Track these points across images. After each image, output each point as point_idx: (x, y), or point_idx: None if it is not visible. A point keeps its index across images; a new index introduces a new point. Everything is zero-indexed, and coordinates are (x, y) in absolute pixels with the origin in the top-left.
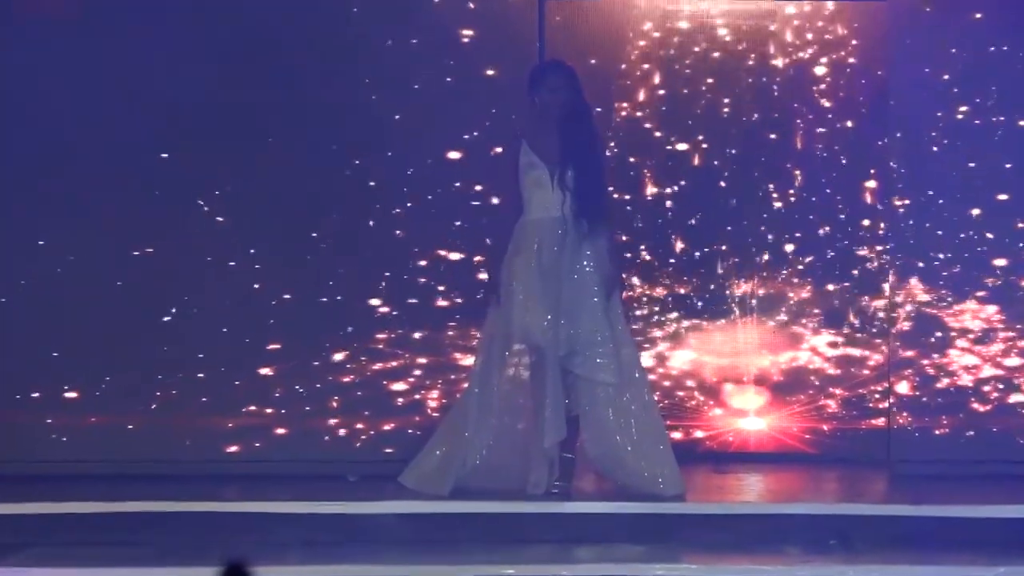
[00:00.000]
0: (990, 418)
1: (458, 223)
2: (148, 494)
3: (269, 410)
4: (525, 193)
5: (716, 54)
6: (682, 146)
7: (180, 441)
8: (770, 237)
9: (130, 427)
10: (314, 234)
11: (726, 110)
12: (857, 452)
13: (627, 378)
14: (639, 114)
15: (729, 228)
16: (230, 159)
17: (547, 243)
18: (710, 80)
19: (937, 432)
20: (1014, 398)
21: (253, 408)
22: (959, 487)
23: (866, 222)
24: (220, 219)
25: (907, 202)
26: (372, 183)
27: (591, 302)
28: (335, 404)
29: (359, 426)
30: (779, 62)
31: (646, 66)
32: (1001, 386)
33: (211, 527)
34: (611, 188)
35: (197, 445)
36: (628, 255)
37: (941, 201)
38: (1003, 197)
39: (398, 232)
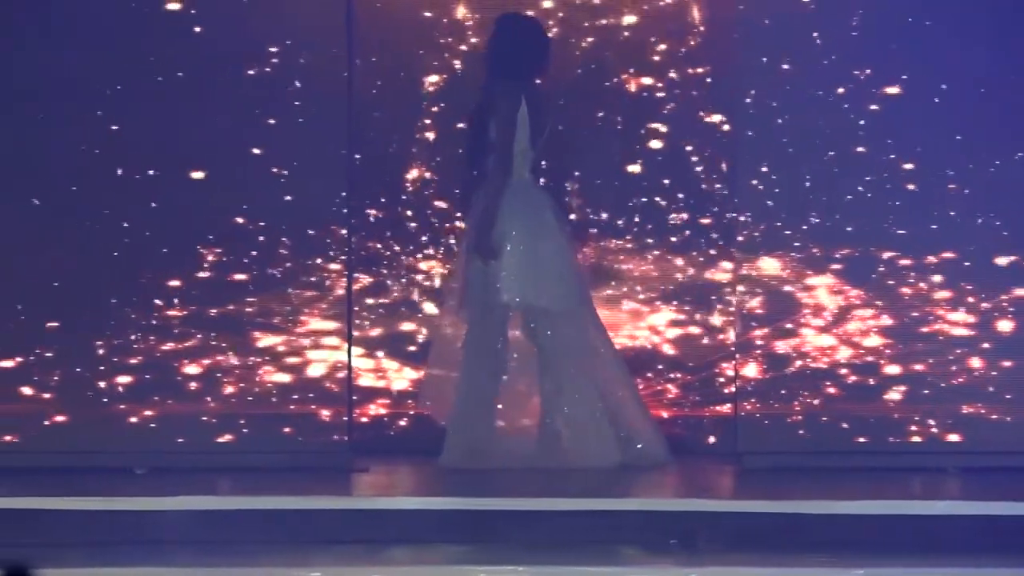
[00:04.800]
0: (847, 404)
1: (255, 189)
2: None
3: (47, 395)
4: (509, 151)
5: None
6: None
7: None
8: (604, 204)
9: None
10: (96, 198)
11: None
12: (700, 442)
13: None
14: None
15: (559, 193)
16: None
17: (525, 205)
18: None
19: (789, 420)
20: (873, 381)
21: (28, 392)
22: (813, 481)
23: (711, 188)
24: None
25: (756, 167)
26: (152, 146)
27: (564, 264)
28: (121, 389)
29: (148, 413)
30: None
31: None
32: (859, 368)
33: None
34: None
35: None
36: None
37: (793, 166)
38: (860, 162)
39: (190, 198)
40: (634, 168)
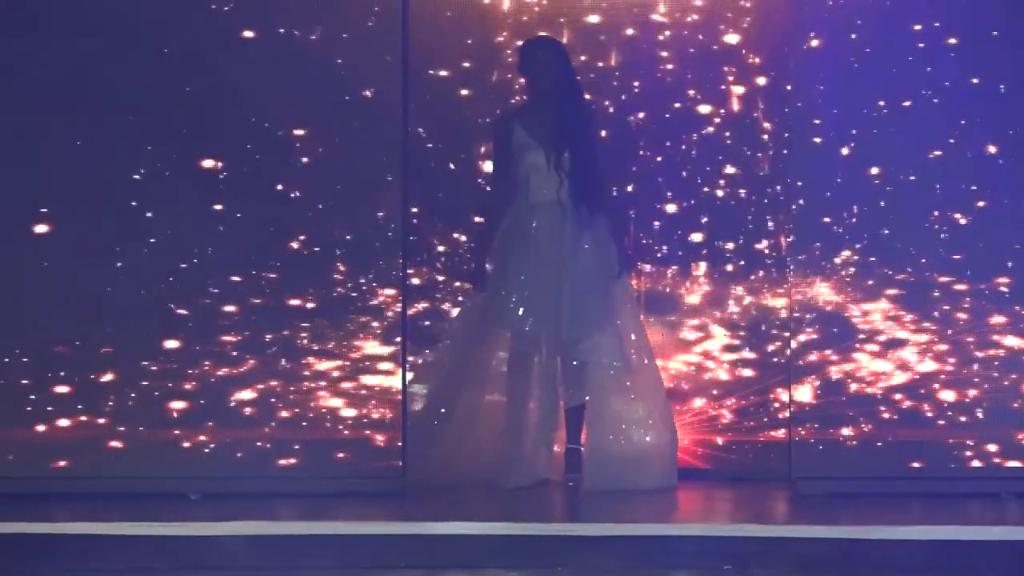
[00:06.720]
0: (901, 429)
1: (316, 211)
2: None
3: (101, 421)
4: (519, 176)
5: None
6: None
7: (2, 456)
8: (659, 230)
9: None
10: (147, 224)
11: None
12: (755, 467)
13: (635, 364)
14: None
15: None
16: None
17: (545, 228)
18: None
19: (843, 445)
20: (928, 406)
21: (84, 419)
22: (867, 506)
23: (765, 215)
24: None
25: (809, 193)
26: (211, 172)
27: (593, 288)
28: (176, 414)
29: (202, 438)
30: (678, 47)
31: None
32: (914, 393)
33: (34, 551)
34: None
35: (21, 460)
36: None
37: (846, 192)
38: (914, 189)
39: (244, 223)
40: (689, 194)
